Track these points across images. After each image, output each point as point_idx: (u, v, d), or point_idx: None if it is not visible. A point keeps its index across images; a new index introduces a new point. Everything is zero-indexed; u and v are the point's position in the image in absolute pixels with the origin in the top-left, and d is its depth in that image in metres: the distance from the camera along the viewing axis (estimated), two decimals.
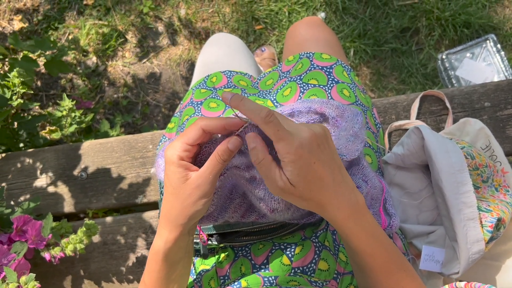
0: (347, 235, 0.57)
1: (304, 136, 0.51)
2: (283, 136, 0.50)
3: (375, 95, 1.83)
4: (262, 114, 0.50)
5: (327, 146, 0.54)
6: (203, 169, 0.54)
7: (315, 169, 0.51)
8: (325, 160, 0.52)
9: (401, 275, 0.60)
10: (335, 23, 1.87)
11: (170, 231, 0.58)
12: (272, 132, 0.50)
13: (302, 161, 0.50)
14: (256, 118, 0.51)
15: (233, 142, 0.54)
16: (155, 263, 0.61)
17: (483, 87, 1.07)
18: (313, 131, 0.52)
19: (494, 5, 1.85)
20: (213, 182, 0.54)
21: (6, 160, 1.16)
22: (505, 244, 0.89)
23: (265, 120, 0.50)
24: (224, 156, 0.54)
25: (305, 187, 0.52)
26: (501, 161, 0.93)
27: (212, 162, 0.54)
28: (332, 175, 0.53)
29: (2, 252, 0.85)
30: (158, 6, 1.95)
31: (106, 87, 1.90)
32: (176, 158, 0.54)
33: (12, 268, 0.84)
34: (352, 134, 0.68)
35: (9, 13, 1.99)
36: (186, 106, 0.95)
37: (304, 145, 0.50)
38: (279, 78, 0.97)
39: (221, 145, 0.54)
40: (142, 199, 1.11)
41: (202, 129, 0.54)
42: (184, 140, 0.55)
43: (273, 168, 0.52)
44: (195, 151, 0.56)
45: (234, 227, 0.72)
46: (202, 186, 0.54)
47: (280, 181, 0.51)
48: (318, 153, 0.52)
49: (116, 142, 1.15)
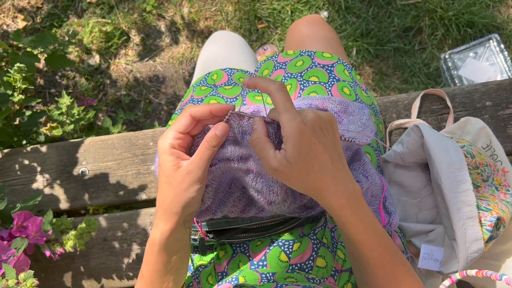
0: (344, 223, 0.57)
1: (308, 115, 0.53)
2: (289, 108, 0.51)
3: (377, 95, 1.82)
4: (276, 83, 0.53)
5: (331, 131, 0.55)
6: (193, 156, 0.56)
7: (315, 150, 0.52)
8: (326, 144, 0.53)
9: (397, 269, 0.60)
10: (338, 22, 1.87)
11: (166, 221, 0.58)
12: (281, 100, 0.52)
13: (303, 138, 0.51)
14: (271, 86, 0.53)
15: (220, 128, 0.55)
16: (152, 254, 0.62)
17: (484, 86, 1.07)
18: (318, 114, 0.53)
19: (498, 5, 1.84)
20: (204, 168, 0.55)
21: (8, 157, 1.17)
22: (505, 243, 0.88)
23: (278, 87, 0.52)
24: (212, 142, 0.55)
25: (302, 167, 0.52)
26: (502, 160, 0.93)
27: (201, 149, 0.55)
28: (331, 160, 0.54)
29: (2, 248, 0.86)
30: (161, 5, 1.96)
31: (109, 85, 1.91)
32: (168, 147, 0.55)
33: (11, 264, 0.84)
34: (361, 125, 0.68)
35: (13, 11, 2.00)
36: (187, 103, 0.96)
37: (307, 123, 0.52)
38: (274, 68, 0.96)
39: (210, 132, 0.56)
40: (143, 196, 1.11)
41: (190, 116, 0.55)
42: (175, 128, 0.56)
43: (268, 148, 0.53)
44: (187, 140, 0.57)
45: (232, 224, 0.72)
46: (193, 172, 0.55)
47: (274, 160, 0.52)
48: (320, 135, 0.53)
49: (117, 139, 1.15)
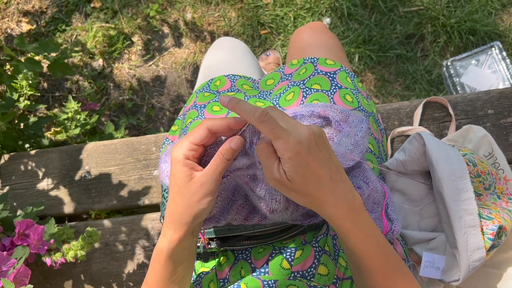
0: (344, 234, 0.57)
1: (302, 134, 0.52)
2: (279, 134, 0.51)
3: (379, 101, 1.83)
4: (256, 114, 0.51)
5: (325, 146, 0.55)
6: (207, 168, 0.56)
7: (313, 167, 0.53)
8: (322, 159, 0.54)
9: (398, 278, 0.60)
10: (340, 29, 1.88)
11: (175, 231, 0.58)
12: (268, 131, 0.51)
13: (300, 158, 0.51)
14: (251, 118, 0.52)
15: (235, 142, 0.56)
16: (159, 262, 0.62)
17: (486, 94, 1.07)
18: (311, 130, 0.53)
19: (500, 13, 1.85)
20: (217, 180, 0.56)
21: (12, 161, 1.17)
22: (506, 252, 0.88)
23: (259, 119, 0.51)
24: (227, 155, 0.55)
25: (302, 184, 0.53)
26: (504, 169, 0.93)
27: (215, 161, 0.55)
28: (329, 173, 0.54)
29: (2, 259, 0.84)
30: (165, 10, 1.97)
31: (112, 90, 1.92)
32: (182, 157, 0.55)
33: (11, 276, 0.83)
34: (353, 143, 0.68)
35: (17, 15, 2.01)
36: (190, 109, 0.96)
37: (302, 142, 0.52)
38: (280, 80, 0.97)
39: (224, 145, 0.56)
40: (145, 201, 1.11)
41: (208, 129, 0.56)
42: (191, 139, 0.56)
43: (272, 159, 0.53)
44: (201, 151, 0.58)
45: (235, 231, 0.73)
46: (207, 185, 0.55)
47: (277, 172, 0.53)
48: (316, 151, 0.53)
49: (120, 144, 1.15)
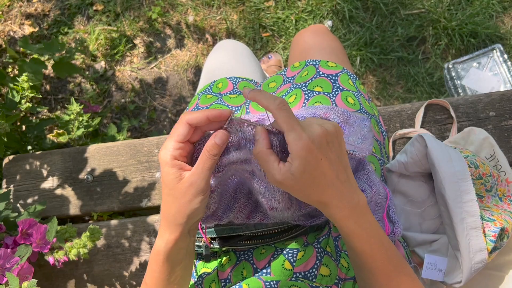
0: (347, 234, 0.57)
1: (315, 131, 0.52)
2: (294, 126, 0.51)
3: (381, 104, 1.83)
4: (276, 101, 0.52)
5: (337, 145, 0.54)
6: (195, 166, 0.55)
7: (321, 166, 0.52)
8: (332, 158, 0.53)
9: (401, 279, 0.60)
10: (342, 32, 1.88)
11: (171, 232, 0.58)
12: (284, 120, 0.51)
13: (310, 156, 0.51)
14: (271, 105, 0.52)
15: (220, 136, 0.54)
16: (156, 263, 0.62)
17: (488, 96, 1.07)
18: (324, 128, 0.52)
19: (501, 15, 1.85)
20: (207, 178, 0.55)
21: (14, 162, 1.18)
22: (508, 254, 0.88)
23: (278, 106, 0.51)
24: (213, 150, 0.54)
25: (307, 182, 0.52)
26: (506, 171, 0.93)
27: (202, 159, 0.54)
28: (336, 173, 0.54)
29: (6, 256, 0.85)
30: (167, 13, 1.97)
31: (114, 92, 1.92)
32: (169, 158, 0.54)
33: (15, 272, 0.84)
34: (360, 137, 0.69)
35: (20, 17, 2.02)
36: (192, 111, 0.96)
37: (314, 140, 0.51)
38: (283, 83, 0.97)
39: (209, 141, 0.55)
40: (147, 203, 1.12)
41: (187, 123, 0.55)
42: (174, 138, 0.55)
43: (272, 161, 0.52)
44: (188, 149, 0.57)
45: (237, 231, 0.73)
46: (196, 183, 0.54)
47: (279, 174, 0.52)
48: (326, 150, 0.52)
49: (122, 146, 1.16)
